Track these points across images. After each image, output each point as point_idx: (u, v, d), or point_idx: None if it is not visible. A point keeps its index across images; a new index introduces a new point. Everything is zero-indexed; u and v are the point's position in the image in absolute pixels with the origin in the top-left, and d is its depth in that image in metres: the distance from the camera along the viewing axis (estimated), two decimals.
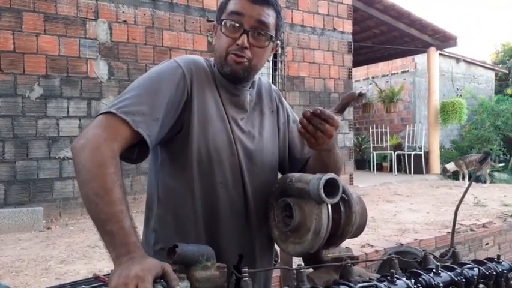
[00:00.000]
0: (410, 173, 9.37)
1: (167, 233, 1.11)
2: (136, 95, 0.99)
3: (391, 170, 9.85)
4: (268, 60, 1.16)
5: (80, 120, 4.99)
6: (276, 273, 2.53)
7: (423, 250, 1.14)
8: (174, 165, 1.09)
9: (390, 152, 9.88)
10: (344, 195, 0.98)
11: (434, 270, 0.95)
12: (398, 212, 5.29)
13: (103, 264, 3.18)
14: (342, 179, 0.97)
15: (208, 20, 5.87)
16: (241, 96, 1.15)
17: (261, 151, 1.16)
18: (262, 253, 1.17)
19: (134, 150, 0.99)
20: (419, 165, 9.38)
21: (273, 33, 1.09)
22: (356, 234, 1.06)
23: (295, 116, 1.30)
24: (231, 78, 1.10)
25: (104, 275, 1.11)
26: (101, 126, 0.93)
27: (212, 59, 1.16)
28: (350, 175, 7.54)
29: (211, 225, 1.09)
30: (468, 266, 1.00)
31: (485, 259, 1.06)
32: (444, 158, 9.94)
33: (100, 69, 5.12)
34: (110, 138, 0.91)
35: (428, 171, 9.44)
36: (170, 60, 1.10)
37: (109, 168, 0.87)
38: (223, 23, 1.07)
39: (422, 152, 9.48)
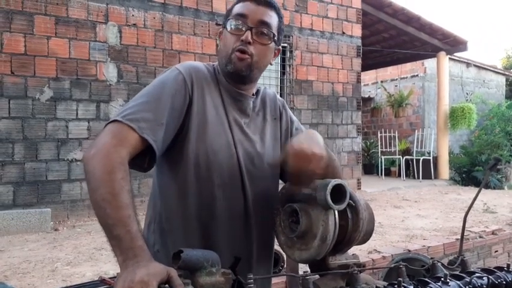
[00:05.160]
0: (418, 178, 9.30)
1: (161, 234, 1.13)
2: (140, 103, 1.02)
3: (399, 175, 9.78)
4: (271, 64, 1.20)
5: (89, 122, 5.02)
6: (282, 279, 2.52)
7: (431, 258, 1.12)
8: (172, 167, 1.11)
9: (399, 156, 9.82)
10: (351, 202, 0.97)
11: (442, 278, 0.94)
12: (406, 218, 5.24)
13: (109, 266, 3.18)
14: (350, 184, 0.96)
15: (217, 24, 5.89)
16: (244, 102, 1.17)
17: (263, 156, 1.17)
18: (259, 257, 1.16)
19: (145, 158, 1.02)
20: (428, 170, 9.31)
21: (275, 33, 1.15)
22: (364, 240, 1.04)
23: (300, 123, 1.33)
24: (234, 76, 1.13)
25: (110, 278, 1.11)
26: (109, 134, 0.96)
27: (215, 64, 1.19)
28: (358, 180, 7.49)
29: (206, 227, 1.09)
30: (477, 275, 0.99)
31: (495, 268, 1.04)
32: (453, 164, 9.85)
33: (109, 72, 5.15)
34: (118, 144, 0.93)
35: (436, 177, 9.36)
36: (172, 67, 1.13)
37: (117, 174, 0.89)
38: (229, 23, 1.13)
39: (431, 157, 9.41)
